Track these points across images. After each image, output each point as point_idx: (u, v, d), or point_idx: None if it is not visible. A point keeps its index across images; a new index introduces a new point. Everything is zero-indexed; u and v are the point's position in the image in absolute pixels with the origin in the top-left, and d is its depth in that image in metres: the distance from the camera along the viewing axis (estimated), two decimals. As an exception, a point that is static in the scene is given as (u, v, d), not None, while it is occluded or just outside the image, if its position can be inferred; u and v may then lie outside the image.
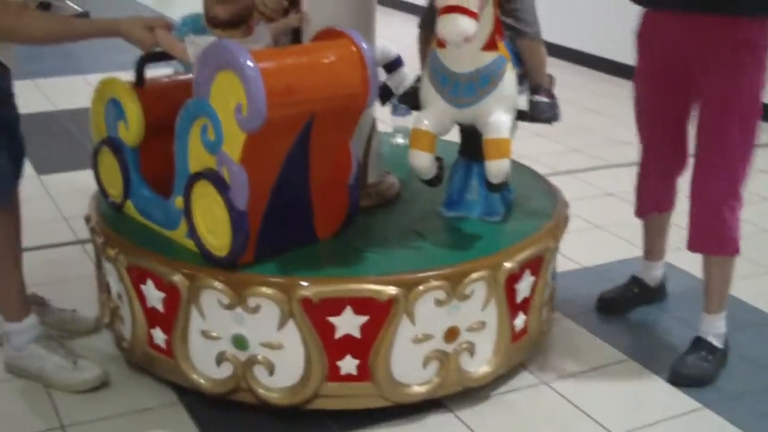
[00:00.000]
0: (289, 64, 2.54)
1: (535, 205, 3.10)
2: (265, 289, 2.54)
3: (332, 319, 2.57)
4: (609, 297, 3.41)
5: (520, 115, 2.91)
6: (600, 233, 3.40)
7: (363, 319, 2.57)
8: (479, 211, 2.97)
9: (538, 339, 3.01)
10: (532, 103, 2.91)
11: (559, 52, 7.10)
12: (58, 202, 4.38)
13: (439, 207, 3.02)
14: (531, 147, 4.66)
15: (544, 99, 2.92)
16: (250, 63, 2.36)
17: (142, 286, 2.72)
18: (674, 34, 2.91)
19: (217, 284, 2.57)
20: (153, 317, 2.74)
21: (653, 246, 3.39)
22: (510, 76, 2.75)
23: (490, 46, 2.68)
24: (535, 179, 3.36)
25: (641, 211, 3.31)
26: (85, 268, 3.50)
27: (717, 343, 3.03)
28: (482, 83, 2.70)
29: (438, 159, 2.82)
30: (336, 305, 2.55)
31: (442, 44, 2.68)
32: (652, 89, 3.06)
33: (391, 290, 2.56)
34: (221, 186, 2.50)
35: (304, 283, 2.54)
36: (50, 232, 4.01)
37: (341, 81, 2.59)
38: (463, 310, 2.67)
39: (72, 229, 4.02)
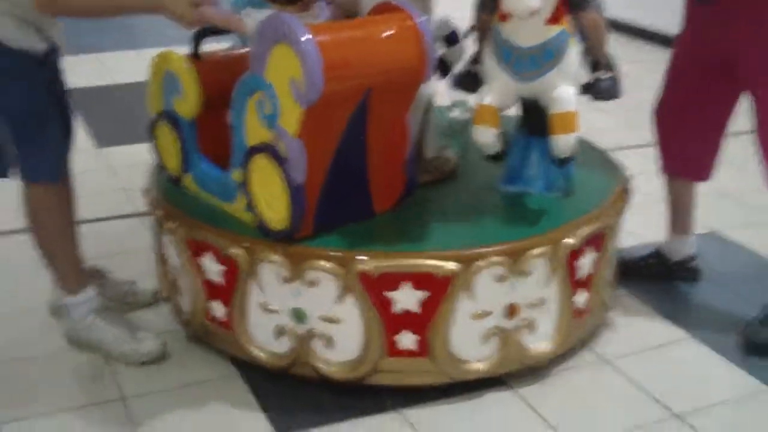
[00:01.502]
0: (346, 37, 2.50)
1: (596, 180, 3.03)
2: (323, 263, 2.53)
3: (390, 294, 2.54)
4: (626, 262, 3.32)
5: (582, 90, 2.86)
6: (662, 207, 3.36)
7: (422, 294, 2.55)
8: (540, 186, 2.92)
9: (599, 316, 2.97)
10: (594, 80, 2.85)
11: (621, 27, 6.97)
12: (118, 174, 4.41)
13: (498, 182, 2.98)
14: (591, 122, 4.57)
15: (607, 75, 2.86)
16: (306, 36, 2.34)
17: (201, 259, 2.72)
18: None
19: (276, 258, 2.56)
20: (212, 290, 2.75)
21: (676, 214, 3.34)
22: (574, 49, 2.69)
23: (555, 19, 2.63)
24: (596, 154, 3.30)
25: (667, 169, 3.29)
26: (144, 240, 3.49)
27: None
28: (546, 57, 2.65)
29: (502, 134, 2.78)
30: (394, 280, 2.53)
31: (504, 18, 2.63)
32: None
33: (451, 265, 2.53)
34: (279, 160, 2.48)
35: (363, 257, 2.52)
36: (110, 204, 4.05)
37: (398, 55, 2.55)
38: (523, 286, 2.63)
39: (131, 201, 4.04)
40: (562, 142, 2.67)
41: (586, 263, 2.77)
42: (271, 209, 2.57)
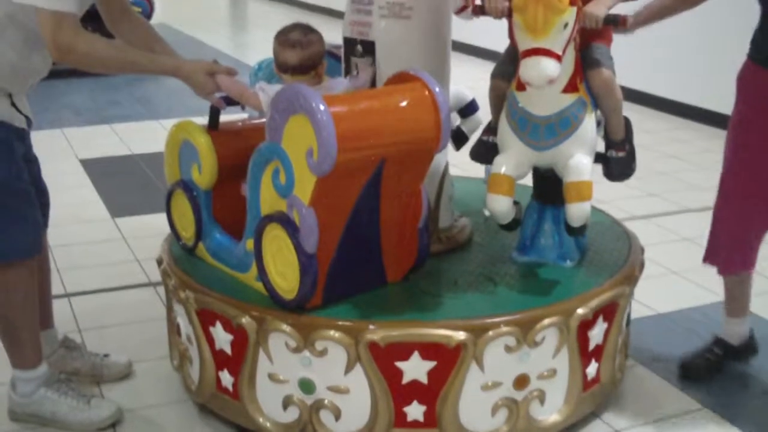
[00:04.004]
0: (361, 108, 2.54)
1: (609, 250, 3.04)
2: (332, 333, 2.53)
3: (399, 364, 2.54)
4: (691, 363, 3.20)
5: (596, 158, 2.88)
6: (676, 279, 3.35)
7: (431, 364, 2.54)
8: (553, 256, 2.93)
9: (610, 387, 2.94)
10: (607, 159, 2.87)
11: (638, 97, 7.08)
12: (131, 244, 4.43)
13: (511, 251, 2.98)
14: (607, 191, 4.60)
15: (619, 154, 2.87)
16: (322, 107, 2.37)
17: (211, 329, 2.73)
18: None
19: (285, 327, 2.56)
20: (221, 360, 2.75)
21: (736, 301, 3.17)
22: (590, 118, 2.72)
23: (571, 88, 2.67)
24: (610, 223, 3.30)
25: (729, 269, 3.10)
26: (156, 310, 3.54)
27: None
28: (562, 126, 2.68)
29: (516, 203, 2.80)
30: (403, 350, 2.53)
31: (521, 87, 2.67)
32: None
33: (460, 335, 2.52)
34: (291, 229, 2.50)
35: (372, 327, 2.52)
36: (123, 274, 4.06)
37: (413, 125, 2.58)
38: (533, 357, 2.62)
39: (145, 271, 4.06)
40: (577, 211, 2.68)
41: (597, 334, 2.76)
42: (282, 278, 2.58)
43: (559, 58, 2.50)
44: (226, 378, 2.75)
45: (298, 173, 2.47)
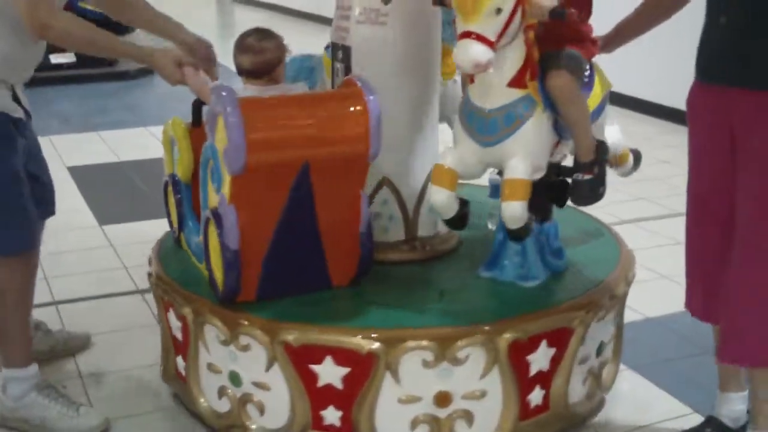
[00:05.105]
0: (280, 112, 2.57)
1: (589, 274, 2.87)
2: (251, 329, 2.58)
3: (314, 367, 2.55)
4: None
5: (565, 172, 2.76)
6: (666, 283, 3.16)
7: (345, 370, 2.54)
8: (513, 275, 2.81)
9: (569, 416, 2.78)
10: (573, 182, 2.72)
11: (626, 101, 6.98)
12: (119, 251, 4.39)
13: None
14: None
15: (586, 177, 2.69)
16: (232, 109, 2.44)
17: (168, 315, 2.87)
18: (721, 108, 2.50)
19: (215, 320, 2.64)
20: (176, 345, 2.88)
21: (727, 372, 2.71)
22: (538, 119, 2.57)
23: (517, 83, 2.55)
24: (613, 244, 3.11)
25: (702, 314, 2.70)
26: (144, 317, 3.60)
27: None
28: (506, 121, 2.56)
29: (462, 200, 2.72)
30: (316, 353, 2.54)
31: (472, 79, 2.61)
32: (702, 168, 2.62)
33: (372, 345, 2.50)
34: (218, 225, 2.59)
35: (286, 327, 2.55)
36: (111, 281, 4.06)
37: (338, 131, 2.59)
38: (457, 375, 2.55)
39: (132, 278, 4.07)
40: (508, 210, 2.56)
41: (539, 359, 2.63)
42: (218, 271, 2.67)
43: (491, 44, 2.38)
44: (180, 363, 2.88)
45: (223, 172, 2.55)
